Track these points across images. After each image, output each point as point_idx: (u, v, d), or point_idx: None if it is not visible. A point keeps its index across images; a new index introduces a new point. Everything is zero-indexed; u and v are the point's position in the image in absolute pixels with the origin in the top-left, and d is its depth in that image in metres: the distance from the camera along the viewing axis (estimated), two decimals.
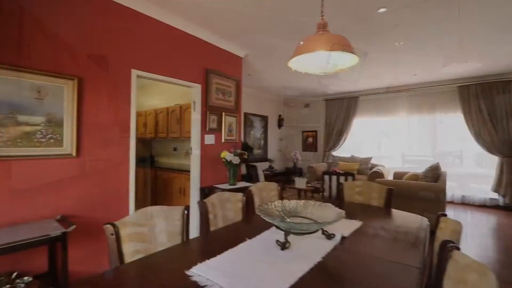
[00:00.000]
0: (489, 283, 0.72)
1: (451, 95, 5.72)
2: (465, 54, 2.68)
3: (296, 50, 1.41)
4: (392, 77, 5.50)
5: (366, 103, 6.89)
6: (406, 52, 4.06)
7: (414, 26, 3.20)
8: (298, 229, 1.31)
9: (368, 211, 2.12)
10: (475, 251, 3.19)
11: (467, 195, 5.55)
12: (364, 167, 6.22)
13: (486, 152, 5.28)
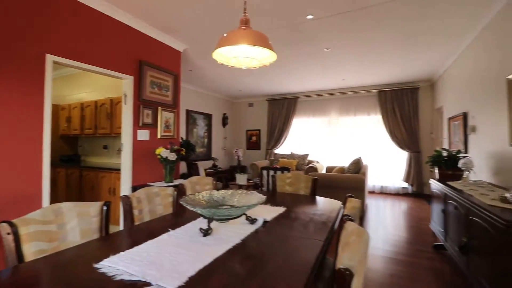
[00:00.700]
0: (362, 241, 0.87)
1: (372, 99, 6.57)
2: (380, 63, 3.11)
3: (220, 42, 1.46)
4: (324, 80, 6.05)
5: (304, 104, 7.41)
6: (334, 58, 4.51)
7: (339, 35, 3.58)
8: (220, 215, 1.36)
9: (294, 199, 2.30)
10: (388, 229, 3.73)
11: (384, 185, 6.44)
12: (301, 163, 6.68)
13: (399, 148, 6.21)
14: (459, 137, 4.01)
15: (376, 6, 2.85)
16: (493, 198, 1.89)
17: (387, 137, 6.32)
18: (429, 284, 2.30)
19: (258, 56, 1.50)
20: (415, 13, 2.99)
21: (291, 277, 0.96)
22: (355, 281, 0.74)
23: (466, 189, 2.34)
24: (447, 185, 2.63)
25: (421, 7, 2.87)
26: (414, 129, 6.05)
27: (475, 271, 1.89)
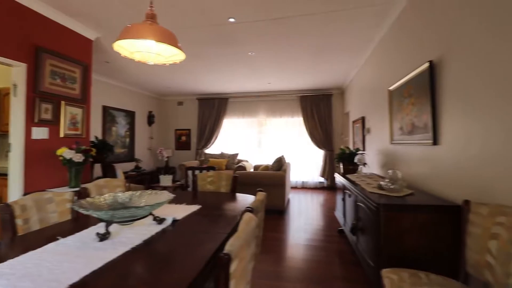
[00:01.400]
0: (247, 228, 0.97)
1: (295, 103, 7.17)
2: (299, 71, 3.42)
3: (122, 34, 1.38)
4: (253, 83, 6.31)
5: (234, 104, 7.56)
6: (258, 63, 4.76)
7: (261, 40, 3.80)
8: (121, 217, 1.29)
9: (213, 197, 2.35)
10: (306, 220, 4.14)
11: (305, 181, 7.12)
12: (231, 163, 6.80)
13: (317, 147, 6.95)
14: (359, 137, 4.75)
15: (289, 18, 3.14)
16: (374, 186, 2.32)
17: (308, 137, 7.00)
18: (333, 264, 2.66)
19: (164, 53, 1.48)
20: (321, 29, 3.41)
21: (187, 268, 0.99)
22: (234, 264, 0.82)
23: (358, 180, 2.80)
24: (345, 178, 3.10)
25: (324, 24, 3.29)
26: (329, 131, 6.87)
27: (361, 248, 2.28)
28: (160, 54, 1.45)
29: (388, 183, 2.11)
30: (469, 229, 1.47)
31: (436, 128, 2.09)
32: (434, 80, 2.11)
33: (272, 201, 4.43)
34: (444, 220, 1.68)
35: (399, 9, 2.84)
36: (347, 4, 2.83)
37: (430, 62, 2.12)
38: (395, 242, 1.72)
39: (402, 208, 1.73)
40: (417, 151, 2.45)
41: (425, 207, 1.72)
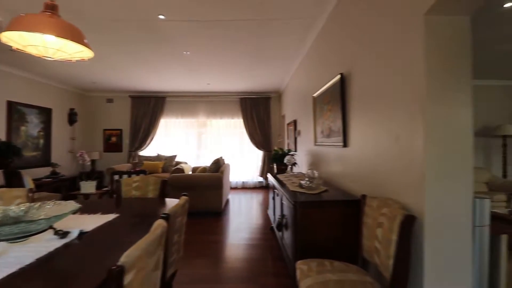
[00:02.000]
0: (153, 234, 0.95)
1: (235, 104, 7.27)
2: (237, 73, 3.46)
3: (14, 24, 1.20)
4: (192, 83, 6.15)
5: (173, 104, 7.25)
6: (195, 62, 4.67)
7: (195, 41, 3.74)
8: (7, 234, 1.12)
9: (136, 203, 2.21)
10: (245, 219, 4.23)
11: (245, 181, 7.28)
12: (168, 165, 6.51)
13: (256, 148, 7.17)
14: (292, 139, 5.09)
15: (221, 22, 3.17)
16: (297, 185, 2.52)
17: (248, 139, 7.17)
18: (266, 261, 2.79)
19: (66, 49, 1.33)
20: (256, 36, 3.54)
21: (87, 285, 0.92)
22: (130, 275, 0.80)
23: (285, 179, 3.00)
24: (275, 177, 3.28)
25: (259, 31, 3.43)
26: (267, 132, 7.17)
27: (285, 244, 2.46)
28: (61, 50, 1.29)
29: (307, 182, 2.32)
30: (364, 219, 1.72)
31: (346, 132, 2.39)
32: (345, 90, 2.40)
33: (209, 203, 4.41)
34: (349, 213, 1.93)
35: (320, 25, 3.14)
36: (278, 15, 3.01)
37: (341, 74, 2.41)
38: (309, 235, 1.91)
39: (315, 205, 1.93)
40: (333, 152, 2.76)
41: (334, 202, 1.95)
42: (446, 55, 1.36)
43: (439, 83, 1.35)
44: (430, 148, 1.35)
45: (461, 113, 1.37)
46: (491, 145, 5.73)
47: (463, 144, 1.37)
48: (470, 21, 1.37)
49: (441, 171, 1.35)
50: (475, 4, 1.29)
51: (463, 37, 1.36)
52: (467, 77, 1.37)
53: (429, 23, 1.34)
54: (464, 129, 1.38)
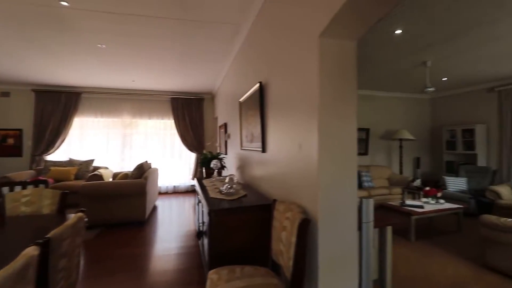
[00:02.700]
0: (15, 264, 0.80)
1: (165, 104, 6.88)
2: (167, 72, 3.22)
3: None
4: (113, 78, 5.55)
5: (90, 101, 6.42)
6: (113, 57, 4.22)
7: (112, 34, 3.37)
8: None
9: (23, 223, 1.86)
10: (175, 227, 4.01)
11: (177, 185, 6.96)
12: (84, 171, 5.74)
13: (188, 150, 6.93)
14: (223, 142, 5.08)
15: (140, 17, 2.94)
16: (217, 191, 2.51)
17: (179, 141, 6.87)
18: (192, 269, 2.69)
19: None
20: (183, 35, 3.41)
21: None
22: None
23: (209, 184, 2.96)
24: (199, 182, 3.22)
25: (186, 31, 3.31)
26: (200, 134, 7.00)
27: (204, 251, 2.42)
28: None
29: (227, 188, 2.33)
30: (273, 223, 1.82)
31: (264, 138, 2.49)
32: (263, 98, 2.50)
33: (131, 213, 4.05)
34: (265, 217, 2.01)
35: (245, 32, 3.21)
36: (202, 17, 2.94)
37: (260, 83, 2.50)
38: (224, 242, 1.91)
39: (230, 211, 1.95)
40: (255, 157, 2.85)
41: (249, 208, 2.01)
42: (336, 74, 1.53)
43: (330, 99, 1.52)
44: (322, 156, 1.50)
45: (347, 125, 1.56)
46: (391, 146, 6.82)
47: (349, 152, 1.56)
48: (356, 46, 1.58)
49: (331, 176, 1.52)
50: (360, 31, 1.49)
51: (350, 59, 1.56)
52: (353, 94, 1.57)
53: (323, 44, 1.49)
54: (350, 138, 1.57)
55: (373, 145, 6.63)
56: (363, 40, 3.50)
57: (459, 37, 3.38)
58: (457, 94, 6.45)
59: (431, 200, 4.08)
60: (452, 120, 6.56)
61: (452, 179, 5.33)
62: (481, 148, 5.76)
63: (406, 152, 6.83)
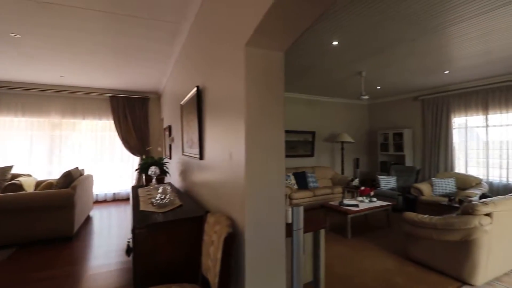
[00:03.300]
0: None
1: (104, 103, 6.26)
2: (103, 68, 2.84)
3: None
4: (35, 73, 4.83)
5: (8, 97, 5.50)
6: (32, 48, 3.66)
7: (28, 23, 2.91)
8: None
9: None
10: (112, 240, 3.62)
11: (117, 192, 6.39)
12: (0, 179, 4.88)
13: (132, 154, 6.42)
14: (168, 145, 4.81)
15: (61, 6, 2.59)
16: (149, 202, 2.32)
17: (120, 143, 6.32)
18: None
19: None
20: (117, 30, 3.10)
21: None
22: None
23: (144, 194, 2.74)
24: (134, 191, 2.97)
25: (121, 26, 3.01)
26: (145, 137, 6.55)
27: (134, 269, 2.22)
28: None
29: (160, 198, 2.17)
30: (203, 237, 1.73)
31: (202, 145, 2.39)
32: (201, 103, 2.40)
33: (55, 227, 3.56)
34: (196, 230, 1.91)
35: (185, 33, 3.06)
36: (139, 12, 2.70)
37: (197, 87, 2.40)
38: (152, 259, 1.76)
39: (159, 226, 1.80)
40: (195, 163, 2.73)
41: (180, 221, 1.88)
42: (262, 83, 1.51)
43: (257, 108, 1.50)
44: (249, 165, 1.47)
45: (275, 134, 1.56)
46: (334, 148, 7.28)
47: (276, 160, 1.56)
48: (283, 57, 1.58)
49: (258, 185, 1.50)
50: (285, 43, 1.49)
51: (277, 69, 1.56)
52: (280, 103, 1.58)
53: (249, 53, 1.46)
54: (277, 147, 1.57)
55: (318, 147, 7.00)
56: (305, 50, 3.65)
57: (386, 51, 3.74)
58: (389, 101, 7.18)
59: (365, 199, 4.44)
60: (385, 124, 7.28)
61: (384, 178, 5.90)
62: (408, 150, 6.51)
63: (348, 154, 7.37)
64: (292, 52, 3.77)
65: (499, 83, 5.00)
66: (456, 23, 2.88)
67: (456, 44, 3.45)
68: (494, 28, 2.97)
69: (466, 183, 4.86)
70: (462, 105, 5.60)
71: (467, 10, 2.62)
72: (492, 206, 2.57)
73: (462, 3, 2.49)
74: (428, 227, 2.84)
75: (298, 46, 3.53)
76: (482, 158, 5.34)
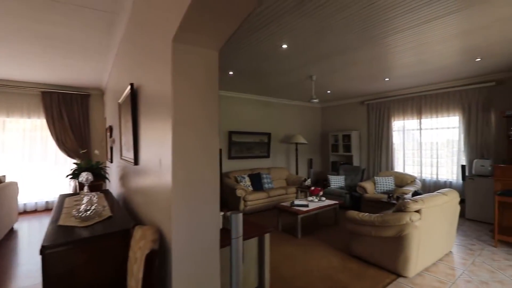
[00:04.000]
0: None
1: (34, 99, 5.49)
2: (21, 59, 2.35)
3: None
4: None
5: None
6: None
7: None
8: None
9: None
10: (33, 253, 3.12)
11: (51, 200, 5.65)
12: None
13: (68, 157, 5.73)
14: (110, 148, 4.38)
15: None
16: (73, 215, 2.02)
17: (54, 145, 5.59)
18: None
19: None
20: (41, 16, 2.68)
21: None
22: None
23: (71, 204, 2.41)
24: (59, 201, 2.61)
25: (43, 11, 2.61)
26: (85, 137, 5.91)
27: None
28: None
29: (84, 209, 1.91)
30: (129, 253, 1.55)
31: (137, 148, 2.17)
32: (136, 102, 2.18)
33: None
34: (124, 246, 1.71)
35: (123, 25, 2.78)
36: None
37: (131, 84, 2.17)
38: (67, 284, 1.52)
39: (76, 244, 1.56)
40: (131, 169, 2.48)
41: (104, 236, 1.66)
42: (193, 83, 1.39)
43: (187, 109, 1.37)
44: (177, 171, 1.34)
45: (208, 137, 1.45)
46: (289, 149, 7.44)
47: (211, 165, 1.45)
48: (217, 56, 1.48)
49: (188, 194, 1.38)
50: (217, 41, 1.39)
51: (211, 68, 1.45)
52: (214, 104, 1.47)
53: (176, 49, 1.33)
54: (211, 151, 1.46)
55: (274, 148, 7.08)
56: (256, 52, 3.61)
57: (332, 58, 3.89)
58: (339, 105, 7.59)
59: (315, 198, 4.59)
60: (336, 126, 7.68)
61: (334, 177, 6.19)
62: (355, 150, 6.94)
63: (302, 154, 7.59)
64: (244, 54, 3.70)
65: (430, 91, 5.59)
66: (391, 34, 3.10)
67: (393, 54, 3.74)
68: (426, 40, 3.26)
69: (403, 181, 5.33)
70: (401, 110, 6.15)
71: (401, 23, 2.82)
72: (421, 203, 2.81)
73: (396, 16, 2.67)
74: (367, 225, 3.00)
75: (250, 48, 3.47)
76: (417, 157, 5.92)
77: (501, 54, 3.73)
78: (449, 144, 5.45)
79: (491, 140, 4.81)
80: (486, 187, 4.42)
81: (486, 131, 4.87)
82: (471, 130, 5.02)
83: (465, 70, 4.55)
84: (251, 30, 2.96)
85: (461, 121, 5.18)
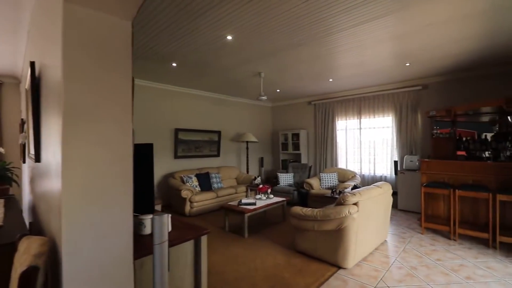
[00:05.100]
0: None
1: None
2: None
3: None
4: None
5: None
6: None
7: None
8: None
9: None
10: None
11: None
12: None
13: None
14: (22, 145, 3.68)
15: None
16: None
17: None
18: None
19: None
20: None
21: None
22: None
23: None
24: None
25: None
26: None
27: None
28: None
29: None
30: (12, 271, 1.21)
31: (38, 140, 1.78)
32: (38, 86, 1.79)
33: None
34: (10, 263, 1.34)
35: None
36: None
37: (32, 63, 1.77)
38: None
39: None
40: (35, 168, 2.05)
41: None
42: (97, 58, 1.14)
43: (87, 92, 1.11)
44: (69, 168, 1.07)
45: (117, 128, 1.20)
46: (240, 148, 7.33)
47: (120, 161, 1.21)
48: (130, 27, 1.24)
49: (87, 196, 1.11)
50: (127, 8, 1.16)
51: (121, 42, 1.21)
52: (126, 87, 1.23)
53: (70, 12, 1.06)
54: (122, 145, 1.22)
55: (224, 147, 6.88)
56: (200, 43, 3.39)
57: (279, 54, 3.87)
58: (289, 104, 7.75)
59: (263, 196, 4.53)
60: (285, 125, 7.82)
61: (284, 175, 6.27)
62: (304, 149, 7.15)
63: (253, 153, 7.55)
64: (187, 43, 3.44)
65: (369, 93, 6.03)
66: (333, 33, 3.18)
67: (335, 54, 3.87)
68: (363, 42, 3.42)
69: (345, 177, 5.64)
70: (343, 110, 6.52)
71: (339, 22, 2.90)
72: (358, 196, 2.92)
73: (332, 15, 2.72)
74: (311, 220, 3.01)
75: (192, 36, 3.23)
76: (357, 155, 6.34)
77: (428, 59, 4.15)
78: (384, 142, 5.94)
79: (418, 137, 5.38)
80: (414, 180, 4.90)
81: (414, 130, 5.42)
82: (402, 129, 5.54)
83: (397, 74, 4.99)
84: (189, 15, 2.73)
85: (394, 121, 5.69)
